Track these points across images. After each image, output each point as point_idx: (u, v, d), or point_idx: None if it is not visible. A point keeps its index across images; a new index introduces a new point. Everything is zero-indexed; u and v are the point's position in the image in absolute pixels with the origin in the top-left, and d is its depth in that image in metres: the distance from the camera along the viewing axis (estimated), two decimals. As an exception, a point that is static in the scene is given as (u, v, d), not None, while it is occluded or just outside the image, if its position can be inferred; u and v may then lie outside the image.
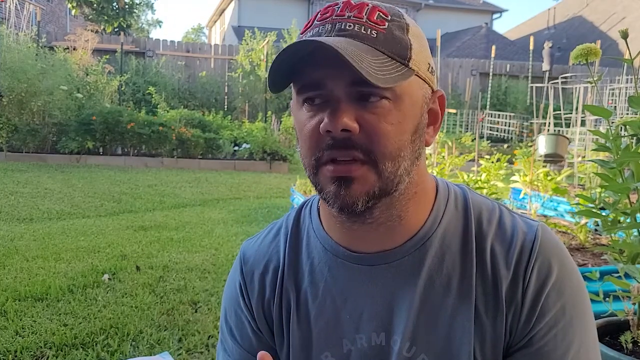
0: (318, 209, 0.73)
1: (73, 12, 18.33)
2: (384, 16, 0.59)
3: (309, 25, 0.61)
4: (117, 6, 17.76)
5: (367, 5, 0.60)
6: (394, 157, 0.59)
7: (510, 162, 5.24)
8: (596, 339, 0.64)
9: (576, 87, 6.86)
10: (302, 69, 0.59)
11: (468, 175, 4.01)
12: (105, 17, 17.58)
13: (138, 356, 2.11)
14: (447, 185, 0.71)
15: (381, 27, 0.58)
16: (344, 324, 0.67)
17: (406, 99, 0.59)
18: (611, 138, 1.33)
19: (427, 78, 0.63)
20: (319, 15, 0.61)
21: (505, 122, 12.74)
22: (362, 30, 0.58)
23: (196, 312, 2.60)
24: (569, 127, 6.92)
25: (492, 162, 4.23)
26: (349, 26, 0.58)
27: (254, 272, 0.74)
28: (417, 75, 0.60)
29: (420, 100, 0.62)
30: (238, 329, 0.74)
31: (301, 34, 0.62)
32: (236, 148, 9.26)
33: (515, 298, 0.62)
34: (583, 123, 6.52)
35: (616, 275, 1.55)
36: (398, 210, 0.63)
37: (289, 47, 0.56)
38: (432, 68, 0.64)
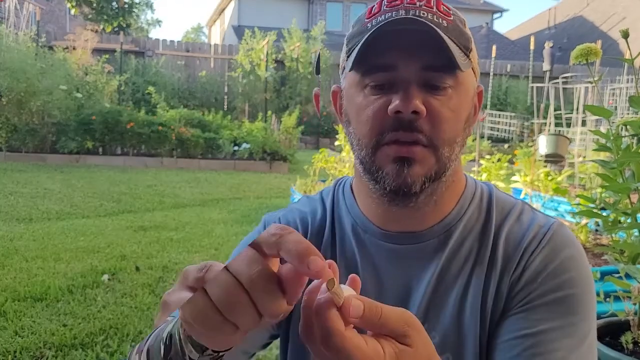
0: (351, 188, 0.75)
1: (72, 11, 18.33)
2: (447, 9, 0.62)
3: (377, 11, 0.62)
4: (116, 6, 17.77)
5: None
6: (451, 142, 0.62)
7: (511, 162, 5.24)
8: (594, 334, 0.62)
9: (577, 87, 6.86)
10: (369, 51, 0.59)
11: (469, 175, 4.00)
12: (105, 17, 17.59)
13: (137, 357, 2.11)
14: (475, 180, 0.74)
15: (449, 18, 0.61)
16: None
17: (463, 89, 0.63)
18: (612, 138, 1.33)
19: (477, 72, 0.67)
20: (385, 2, 0.62)
21: (506, 122, 12.73)
22: (435, 19, 0.60)
23: (196, 312, 2.60)
24: (569, 127, 6.92)
25: (493, 162, 4.23)
26: (423, 14, 0.60)
27: None
28: (472, 68, 0.64)
29: (472, 92, 0.66)
30: None
31: (367, 18, 0.63)
32: (236, 148, 9.25)
33: (518, 276, 0.63)
34: (584, 123, 6.53)
35: (617, 275, 1.54)
36: (437, 195, 0.66)
37: (389, 22, 0.58)
38: (478, 63, 0.68)
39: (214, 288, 0.37)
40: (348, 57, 0.64)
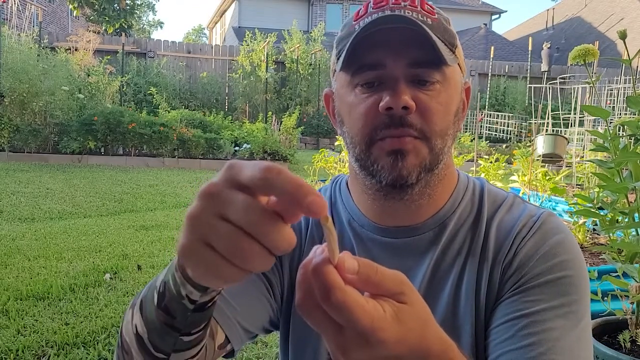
0: (347, 185, 0.77)
1: (74, 12, 18.34)
2: (430, 7, 0.64)
3: (364, 13, 0.65)
4: (118, 7, 17.77)
5: None
6: (442, 135, 0.64)
7: (509, 162, 5.25)
8: (589, 318, 0.62)
9: (574, 88, 6.87)
10: (358, 51, 0.62)
11: (468, 176, 4.02)
12: (107, 18, 17.60)
13: (140, 355, 2.12)
14: (467, 175, 0.76)
15: (433, 16, 0.64)
16: None
17: (451, 83, 0.65)
18: (609, 138, 1.35)
19: (463, 68, 0.70)
20: (372, 4, 0.65)
21: (504, 123, 12.74)
22: (420, 17, 0.62)
23: (197, 311, 2.61)
24: (567, 127, 6.93)
25: (491, 162, 4.25)
26: (408, 13, 0.62)
27: None
28: (458, 64, 0.67)
29: (459, 87, 0.68)
30: None
31: (354, 21, 0.65)
32: (237, 148, 9.26)
33: (510, 262, 0.64)
34: (581, 123, 6.54)
35: (614, 274, 1.56)
36: (431, 188, 0.68)
37: (375, 20, 0.60)
38: (464, 60, 0.70)
39: (218, 241, 0.35)
40: (338, 59, 0.65)
